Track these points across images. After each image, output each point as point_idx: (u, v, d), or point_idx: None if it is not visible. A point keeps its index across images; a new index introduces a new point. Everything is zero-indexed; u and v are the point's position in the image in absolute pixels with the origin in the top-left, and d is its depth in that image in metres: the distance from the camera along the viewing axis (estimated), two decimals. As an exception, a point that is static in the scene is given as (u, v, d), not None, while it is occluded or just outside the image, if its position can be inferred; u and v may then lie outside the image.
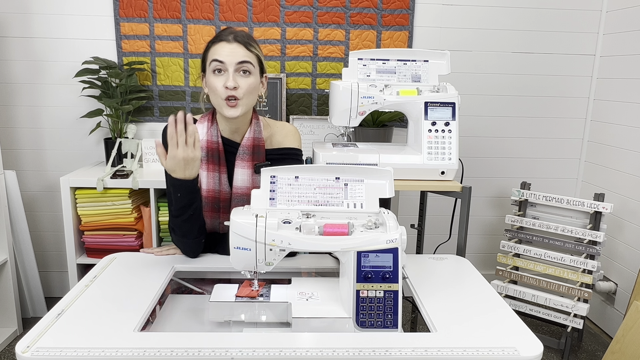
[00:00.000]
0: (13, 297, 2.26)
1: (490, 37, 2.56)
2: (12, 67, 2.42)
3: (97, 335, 0.99)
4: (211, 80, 1.35)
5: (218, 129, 1.43)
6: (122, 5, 2.38)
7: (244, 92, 1.35)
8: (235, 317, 1.15)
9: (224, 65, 1.33)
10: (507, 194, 2.73)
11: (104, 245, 2.18)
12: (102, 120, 2.40)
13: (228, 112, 1.35)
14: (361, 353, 0.95)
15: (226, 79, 1.33)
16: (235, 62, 1.33)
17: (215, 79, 1.34)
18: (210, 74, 1.35)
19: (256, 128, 1.43)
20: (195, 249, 1.40)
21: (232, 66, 1.33)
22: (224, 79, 1.34)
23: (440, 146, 1.75)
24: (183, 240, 1.37)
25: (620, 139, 2.44)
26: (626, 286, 2.36)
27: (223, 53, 1.33)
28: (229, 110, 1.35)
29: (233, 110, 1.35)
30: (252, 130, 1.43)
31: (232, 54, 1.33)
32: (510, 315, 1.13)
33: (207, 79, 1.37)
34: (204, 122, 1.43)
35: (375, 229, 1.10)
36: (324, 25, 2.48)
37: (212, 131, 1.41)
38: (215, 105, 1.38)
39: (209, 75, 1.36)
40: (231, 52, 1.33)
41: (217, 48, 1.35)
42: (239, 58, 1.34)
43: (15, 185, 2.32)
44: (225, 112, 1.35)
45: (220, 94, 1.34)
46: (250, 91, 1.36)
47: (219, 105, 1.37)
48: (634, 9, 2.35)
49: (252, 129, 1.43)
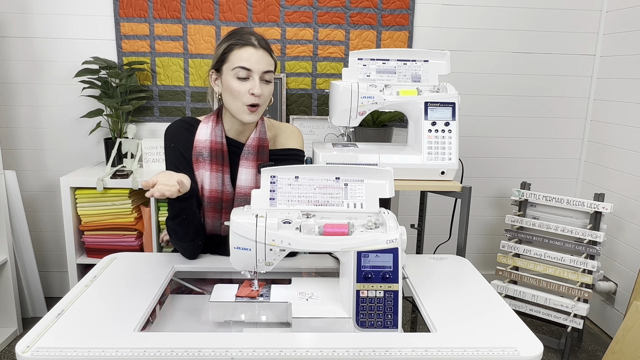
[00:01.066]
0: (13, 297, 2.26)
1: (490, 37, 2.56)
2: (12, 67, 2.42)
3: (97, 335, 0.99)
4: (234, 85, 1.34)
5: (223, 129, 1.43)
6: (122, 5, 2.38)
7: (265, 99, 1.37)
8: (235, 317, 1.15)
9: (251, 72, 1.33)
10: (507, 194, 2.73)
11: (104, 245, 2.18)
12: (102, 120, 2.40)
13: (248, 117, 1.36)
14: (361, 353, 0.95)
15: (252, 86, 1.33)
16: (262, 70, 1.34)
17: (240, 84, 1.34)
18: (232, 77, 1.34)
19: (261, 129, 1.44)
20: (191, 252, 1.40)
21: (258, 74, 1.34)
22: (248, 85, 1.33)
23: (440, 146, 1.75)
24: (179, 243, 1.38)
25: (620, 139, 2.44)
26: (626, 286, 2.36)
27: (252, 60, 1.33)
28: (249, 116, 1.36)
29: (253, 115, 1.36)
30: (258, 130, 1.43)
31: (260, 61, 1.34)
32: (510, 315, 1.13)
33: (227, 82, 1.35)
34: (209, 122, 1.43)
35: (375, 229, 1.10)
36: (324, 25, 2.48)
37: (216, 131, 1.41)
38: (233, 108, 1.37)
39: (230, 78, 1.34)
40: (259, 60, 1.33)
41: (243, 54, 1.33)
42: (265, 67, 1.35)
43: (15, 185, 2.32)
44: (245, 117, 1.36)
45: (243, 100, 1.34)
46: (269, 98, 1.39)
47: (237, 109, 1.36)
48: (634, 9, 2.35)
49: (258, 130, 1.43)
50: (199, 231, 1.38)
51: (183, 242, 1.37)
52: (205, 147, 1.40)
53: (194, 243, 1.38)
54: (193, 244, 1.38)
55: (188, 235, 1.35)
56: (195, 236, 1.37)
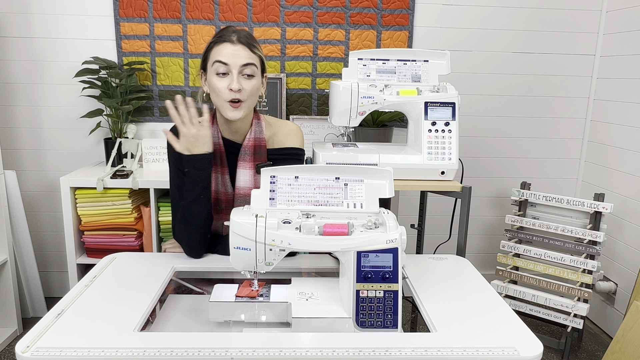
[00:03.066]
0: (13, 297, 2.26)
1: (490, 37, 2.56)
2: (12, 67, 2.42)
3: (97, 335, 0.99)
4: (214, 82, 1.34)
5: (219, 130, 1.43)
6: (122, 5, 2.38)
7: (247, 94, 1.35)
8: (235, 317, 1.15)
9: (227, 67, 1.33)
10: (507, 194, 2.73)
11: (104, 245, 2.18)
12: (102, 120, 2.40)
13: (231, 113, 1.35)
14: (361, 353, 0.95)
15: (230, 81, 1.33)
16: (239, 64, 1.33)
17: (219, 81, 1.34)
18: (213, 74, 1.35)
19: (257, 128, 1.43)
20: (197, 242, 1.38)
21: (236, 68, 1.33)
22: (227, 81, 1.33)
23: (440, 146, 1.75)
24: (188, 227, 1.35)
25: (620, 139, 2.44)
26: (626, 286, 2.36)
27: (227, 54, 1.32)
28: (232, 112, 1.35)
29: (236, 112, 1.35)
30: (253, 130, 1.43)
31: (236, 56, 1.33)
32: (510, 315, 1.13)
33: (209, 79, 1.37)
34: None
35: (375, 229, 1.10)
36: (324, 25, 2.48)
37: (212, 132, 1.41)
38: (217, 105, 1.38)
39: (211, 75, 1.35)
40: (235, 54, 1.33)
41: (220, 49, 1.34)
42: (243, 60, 1.33)
43: (15, 185, 2.32)
44: (228, 113, 1.35)
45: (223, 96, 1.34)
46: (253, 93, 1.37)
47: (221, 107, 1.37)
48: (634, 9, 2.35)
49: (253, 130, 1.43)
50: (208, 222, 1.37)
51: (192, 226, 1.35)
52: None
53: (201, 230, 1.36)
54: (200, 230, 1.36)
55: (200, 216, 1.34)
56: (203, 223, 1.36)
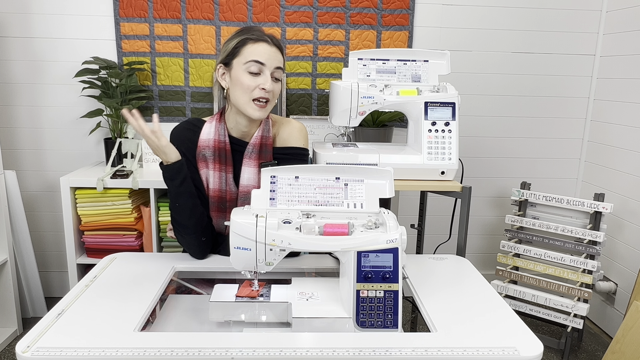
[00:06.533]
0: (13, 297, 2.26)
1: (490, 37, 2.56)
2: (12, 67, 2.42)
3: (97, 335, 0.99)
4: (245, 79, 1.35)
5: (226, 128, 1.43)
6: (122, 5, 2.38)
7: (274, 96, 1.39)
8: (236, 317, 1.15)
9: (262, 67, 1.35)
10: (507, 194, 2.73)
11: (104, 245, 2.18)
12: (102, 120, 2.40)
13: (257, 113, 1.37)
14: (361, 353, 0.95)
15: (264, 81, 1.35)
16: (274, 66, 1.36)
17: (251, 79, 1.35)
18: (244, 71, 1.35)
19: (265, 127, 1.44)
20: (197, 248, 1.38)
21: (270, 69, 1.36)
22: (260, 80, 1.35)
23: (440, 146, 1.75)
24: (178, 231, 1.37)
25: (620, 139, 2.44)
26: (626, 286, 2.36)
27: (265, 55, 1.35)
28: (258, 112, 1.37)
29: (262, 111, 1.37)
30: (262, 129, 1.43)
31: (272, 57, 1.36)
32: (510, 315, 1.13)
33: (237, 76, 1.36)
34: (212, 122, 1.43)
35: (375, 229, 1.10)
36: (324, 25, 2.48)
37: (219, 130, 1.41)
38: (239, 103, 1.37)
39: (241, 72, 1.35)
40: (272, 56, 1.36)
41: (257, 48, 1.35)
42: (277, 63, 1.37)
43: (15, 185, 2.32)
44: (254, 113, 1.37)
45: (253, 94, 1.35)
46: (276, 96, 1.41)
47: (244, 104, 1.37)
48: (634, 9, 2.35)
49: (262, 128, 1.44)
50: (203, 226, 1.37)
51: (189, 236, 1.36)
52: (208, 147, 1.40)
53: (196, 237, 1.37)
54: (195, 237, 1.36)
55: (189, 227, 1.35)
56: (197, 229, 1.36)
